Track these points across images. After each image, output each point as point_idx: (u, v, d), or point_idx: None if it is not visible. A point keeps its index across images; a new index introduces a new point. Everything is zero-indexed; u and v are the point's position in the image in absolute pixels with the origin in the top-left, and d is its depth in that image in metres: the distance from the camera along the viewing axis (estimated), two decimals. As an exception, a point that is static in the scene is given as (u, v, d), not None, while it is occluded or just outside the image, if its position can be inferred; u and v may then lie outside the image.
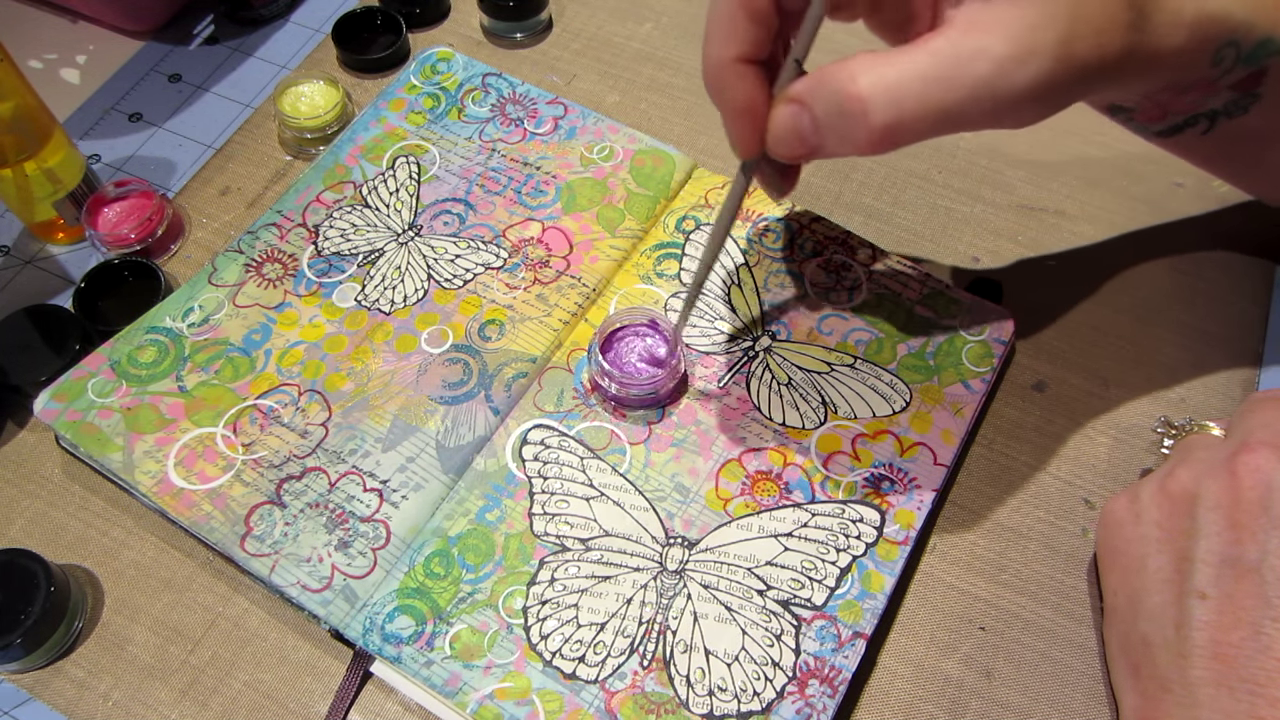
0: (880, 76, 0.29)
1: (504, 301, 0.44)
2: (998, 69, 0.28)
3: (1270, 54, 0.34)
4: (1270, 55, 0.34)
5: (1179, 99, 0.36)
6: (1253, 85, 0.35)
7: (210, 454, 0.40)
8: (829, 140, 0.31)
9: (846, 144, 0.30)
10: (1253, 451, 0.32)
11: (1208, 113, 0.37)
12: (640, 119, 0.52)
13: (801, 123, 0.31)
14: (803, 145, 0.31)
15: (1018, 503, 0.41)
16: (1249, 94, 0.36)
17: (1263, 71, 0.34)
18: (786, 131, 0.31)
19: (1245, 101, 0.36)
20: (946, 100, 0.29)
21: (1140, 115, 0.37)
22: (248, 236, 0.46)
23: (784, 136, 0.31)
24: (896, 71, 0.29)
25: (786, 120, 0.31)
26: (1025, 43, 0.28)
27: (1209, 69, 0.34)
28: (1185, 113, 0.37)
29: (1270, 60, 0.34)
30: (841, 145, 0.31)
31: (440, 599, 0.37)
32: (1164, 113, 0.37)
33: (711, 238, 0.36)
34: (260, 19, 0.57)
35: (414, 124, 0.50)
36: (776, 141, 0.32)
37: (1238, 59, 0.34)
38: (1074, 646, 0.37)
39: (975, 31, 0.29)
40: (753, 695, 0.35)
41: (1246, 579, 0.31)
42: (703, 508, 0.39)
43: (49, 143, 0.45)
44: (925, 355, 0.42)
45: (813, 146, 0.31)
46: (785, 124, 0.31)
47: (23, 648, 0.36)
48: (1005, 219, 0.48)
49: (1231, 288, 0.46)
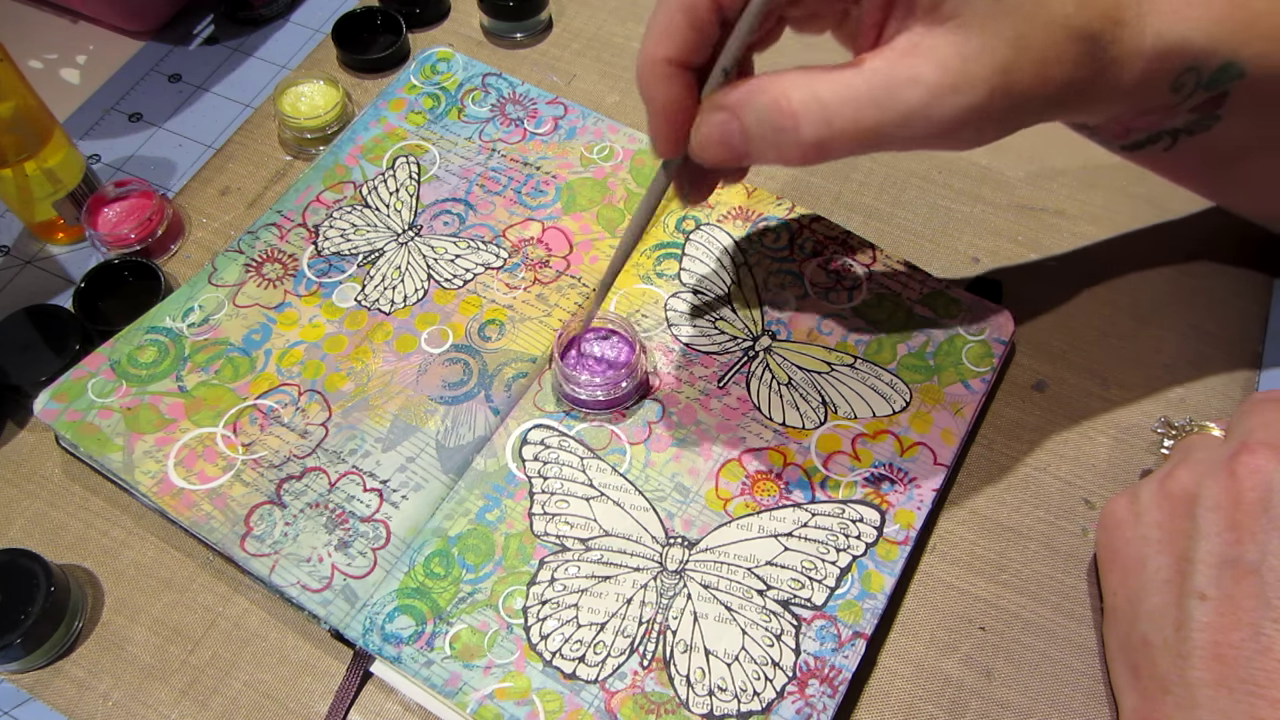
0: (813, 94, 0.29)
1: (504, 301, 0.44)
2: (930, 96, 0.29)
3: (1232, 78, 0.34)
4: (1232, 79, 0.34)
5: (1139, 120, 0.36)
6: (1213, 108, 0.35)
7: (210, 454, 0.40)
8: (756, 150, 0.31)
9: (775, 155, 0.31)
10: (1253, 452, 0.32)
11: (1170, 130, 0.37)
12: (640, 119, 0.51)
13: (730, 131, 0.31)
14: (729, 152, 0.31)
15: (1018, 503, 0.41)
16: (1209, 115, 0.36)
17: (1224, 94, 0.35)
18: (714, 138, 0.31)
19: (1207, 121, 0.36)
20: (878, 123, 0.29)
21: (1103, 131, 0.38)
22: (248, 236, 0.46)
23: (711, 142, 0.31)
24: (830, 89, 0.29)
25: (715, 128, 0.31)
26: (958, 72, 0.29)
27: (1168, 95, 0.34)
28: (1147, 130, 0.37)
29: (1232, 84, 0.34)
30: (769, 156, 0.31)
31: (440, 599, 0.37)
32: (1126, 130, 0.37)
33: (626, 234, 0.36)
34: (260, 19, 0.57)
35: (414, 124, 0.50)
36: (702, 146, 0.32)
37: (1198, 84, 0.34)
38: (1074, 646, 0.37)
39: (911, 57, 0.29)
40: (753, 695, 0.35)
41: (1246, 580, 0.31)
42: (703, 508, 0.39)
43: (49, 143, 0.45)
44: (925, 355, 0.42)
45: (739, 154, 0.31)
46: (714, 131, 0.31)
47: (23, 648, 0.36)
48: (1005, 219, 0.48)
49: (1231, 288, 0.46)
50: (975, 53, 0.29)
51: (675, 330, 0.43)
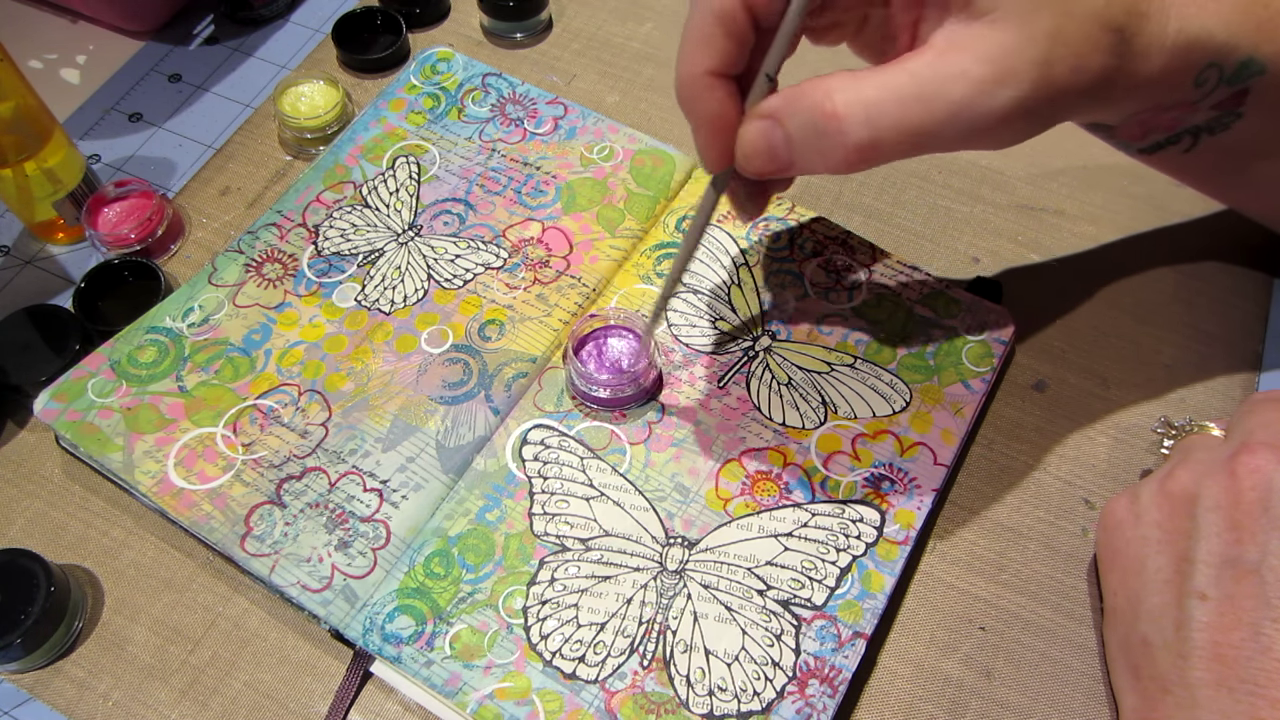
0: (858, 95, 0.29)
1: (504, 301, 0.44)
2: (976, 90, 0.28)
3: (1253, 74, 0.34)
4: (1253, 76, 0.34)
5: (1160, 117, 0.36)
6: (1235, 104, 0.35)
7: (210, 454, 0.40)
8: (802, 157, 0.30)
9: (821, 162, 0.30)
10: (1252, 452, 0.32)
11: (1190, 129, 0.37)
12: (640, 119, 0.52)
13: (774, 139, 0.30)
14: (774, 161, 0.31)
15: (1018, 503, 0.41)
16: (1231, 112, 0.36)
17: (1245, 91, 0.35)
18: (758, 147, 0.31)
19: (1227, 119, 0.36)
20: (924, 121, 0.29)
21: (1122, 132, 0.37)
22: (248, 236, 0.46)
23: (755, 152, 0.31)
24: (874, 91, 0.29)
25: (759, 136, 0.31)
26: (1003, 65, 0.28)
27: (1191, 90, 0.34)
28: (1167, 130, 0.37)
29: (1253, 80, 0.34)
30: (815, 163, 0.30)
31: (440, 599, 0.37)
32: (1145, 130, 0.37)
33: (681, 252, 0.36)
34: (260, 19, 0.57)
35: (414, 124, 0.50)
36: (746, 157, 0.31)
37: (1220, 80, 0.34)
38: (1074, 646, 0.37)
39: (954, 53, 0.29)
40: (753, 695, 0.35)
41: (1246, 580, 0.31)
42: (703, 508, 0.39)
43: (49, 143, 0.45)
44: (925, 355, 0.42)
45: (785, 163, 0.31)
46: (757, 140, 0.31)
47: (23, 648, 0.36)
48: (1005, 219, 0.48)
49: (1231, 288, 0.46)
50: (1016, 46, 0.28)
51: (675, 330, 0.43)
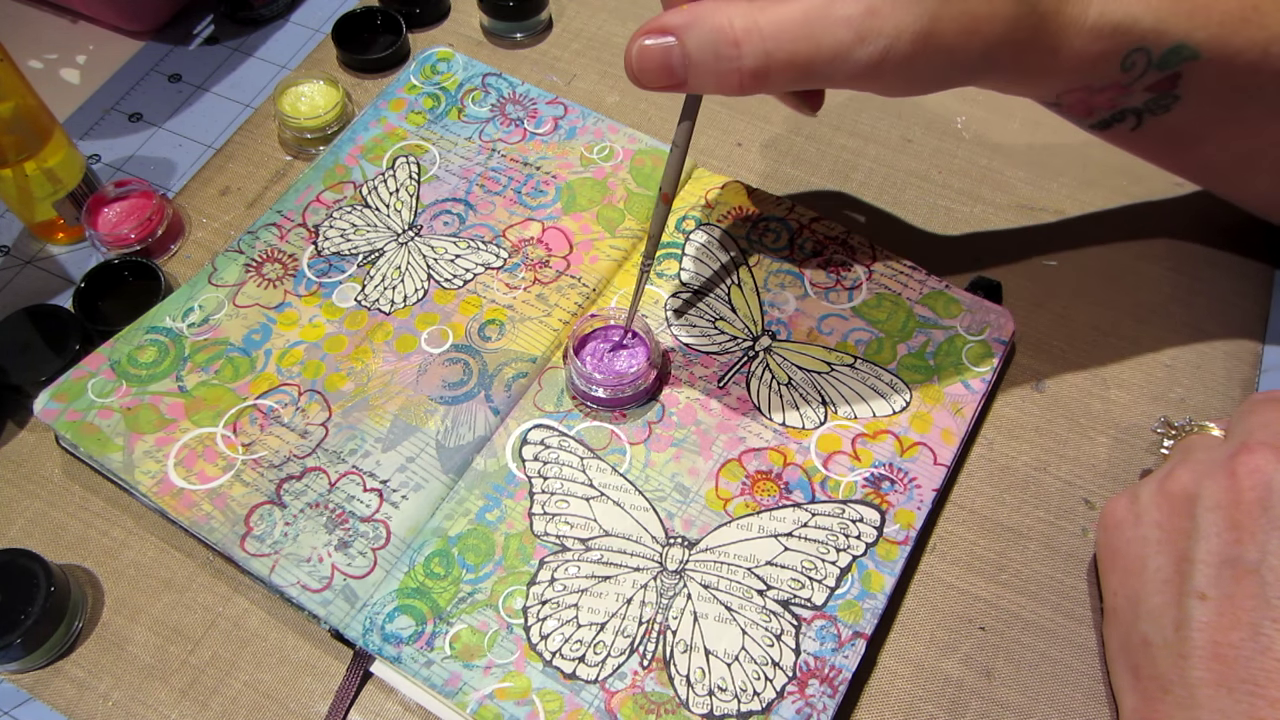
0: (754, 23, 0.30)
1: (504, 301, 0.44)
2: (855, 37, 0.29)
3: (1183, 59, 0.34)
4: (1183, 60, 0.34)
5: (1095, 97, 0.36)
6: (1169, 87, 0.36)
7: (210, 454, 0.40)
8: (696, 76, 0.31)
9: (715, 83, 0.31)
10: (1252, 452, 0.32)
11: (1131, 109, 0.37)
12: (640, 119, 0.52)
13: (672, 56, 0.31)
14: (669, 77, 0.31)
15: (1018, 503, 0.41)
16: (1168, 94, 0.36)
17: (1178, 75, 0.35)
18: (655, 61, 0.31)
19: (1165, 101, 0.36)
20: (811, 58, 0.30)
21: (1067, 109, 0.38)
22: (248, 236, 0.46)
23: (650, 66, 0.31)
24: (770, 21, 0.30)
25: (657, 51, 0.31)
26: (883, 16, 0.29)
27: (1118, 73, 0.34)
28: (1107, 109, 0.37)
29: (1183, 65, 0.35)
30: (709, 83, 0.31)
31: (440, 599, 0.37)
32: (1089, 109, 0.38)
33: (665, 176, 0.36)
34: (260, 19, 0.57)
35: (414, 124, 0.50)
36: (641, 70, 0.32)
37: (1149, 64, 0.34)
38: (1074, 646, 0.37)
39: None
40: (753, 695, 0.35)
41: (1246, 580, 0.31)
42: (703, 508, 0.39)
43: (49, 143, 0.45)
44: (925, 355, 0.42)
45: (679, 80, 0.31)
46: (654, 53, 0.31)
47: (23, 648, 0.36)
48: (1005, 219, 0.48)
49: (1231, 288, 0.46)
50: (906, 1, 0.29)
51: (675, 330, 0.43)
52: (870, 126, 0.52)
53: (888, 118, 0.52)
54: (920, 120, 0.52)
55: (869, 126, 0.52)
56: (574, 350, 0.42)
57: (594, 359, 0.42)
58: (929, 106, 0.52)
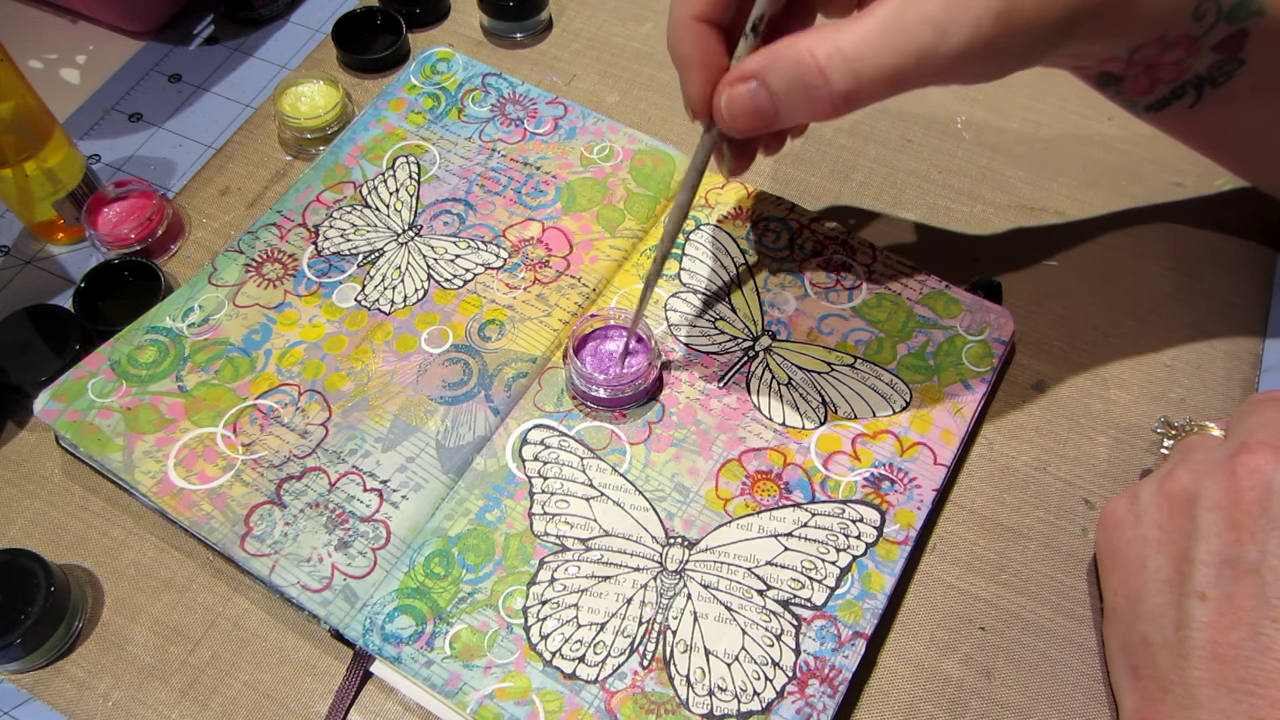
0: (836, 46, 0.30)
1: (504, 301, 0.44)
2: (938, 33, 0.30)
3: (1250, 14, 0.34)
4: (1250, 15, 0.34)
5: (1163, 56, 0.36)
6: (1235, 48, 0.35)
7: (210, 454, 0.40)
8: (787, 111, 0.32)
9: (808, 113, 0.32)
10: (1252, 452, 0.32)
11: (1193, 79, 0.37)
12: (640, 119, 0.52)
13: (760, 98, 0.32)
14: (761, 119, 0.32)
15: (1018, 503, 0.41)
16: (1232, 57, 0.36)
17: (1244, 32, 0.35)
18: (744, 107, 0.32)
19: (1229, 66, 0.36)
20: (899, 65, 0.30)
21: (1128, 85, 0.38)
22: (248, 236, 0.46)
23: (741, 112, 0.32)
24: (850, 40, 0.30)
25: (745, 97, 0.32)
26: (962, 6, 0.29)
27: (1190, 24, 0.34)
28: (1171, 81, 0.37)
29: (1250, 21, 0.34)
30: (802, 114, 0.32)
31: (440, 599, 0.37)
32: (1151, 81, 0.37)
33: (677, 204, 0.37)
34: (260, 19, 0.57)
35: (414, 124, 0.50)
36: (733, 118, 0.33)
37: (1218, 15, 0.34)
38: (1074, 646, 0.37)
39: None
40: (753, 695, 0.35)
41: (1246, 580, 0.31)
42: (703, 508, 0.39)
43: (49, 143, 0.45)
44: (925, 355, 0.42)
45: (771, 118, 0.32)
46: (742, 100, 0.32)
47: (23, 648, 0.36)
48: (1005, 219, 0.48)
49: (1231, 288, 0.46)
50: None
51: (675, 330, 0.43)
52: (870, 126, 0.52)
53: (888, 118, 0.52)
54: (920, 120, 0.52)
55: (869, 126, 0.52)
56: (574, 350, 0.42)
57: (594, 359, 0.42)
58: (929, 106, 0.52)
